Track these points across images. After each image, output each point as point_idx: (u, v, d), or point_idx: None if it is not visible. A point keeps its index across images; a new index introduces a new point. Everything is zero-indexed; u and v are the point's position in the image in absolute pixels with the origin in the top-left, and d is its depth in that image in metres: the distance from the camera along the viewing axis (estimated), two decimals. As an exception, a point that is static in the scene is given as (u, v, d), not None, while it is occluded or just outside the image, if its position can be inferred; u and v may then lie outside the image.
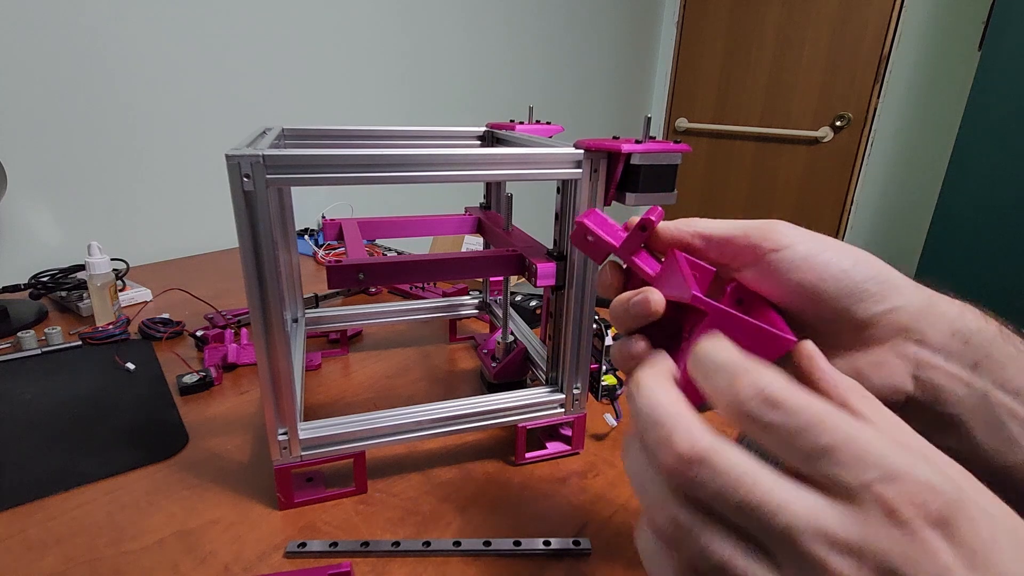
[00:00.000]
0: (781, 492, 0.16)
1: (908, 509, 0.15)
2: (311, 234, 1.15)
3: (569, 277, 0.46)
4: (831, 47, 2.28)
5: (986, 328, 0.26)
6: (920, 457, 0.16)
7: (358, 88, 1.37)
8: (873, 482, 0.16)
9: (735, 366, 0.19)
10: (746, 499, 0.16)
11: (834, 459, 0.16)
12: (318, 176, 0.36)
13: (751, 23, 2.44)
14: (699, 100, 2.65)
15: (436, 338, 0.74)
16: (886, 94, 2.20)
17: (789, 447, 0.17)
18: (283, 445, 0.41)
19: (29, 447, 0.49)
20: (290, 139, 0.60)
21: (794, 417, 0.17)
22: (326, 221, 0.61)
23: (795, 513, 0.16)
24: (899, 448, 0.16)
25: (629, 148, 0.39)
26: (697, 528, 0.18)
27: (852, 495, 0.16)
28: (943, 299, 0.27)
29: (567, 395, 0.49)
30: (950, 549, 0.15)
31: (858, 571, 0.15)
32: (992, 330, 0.26)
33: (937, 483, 0.16)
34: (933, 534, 0.15)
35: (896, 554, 0.15)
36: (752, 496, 0.16)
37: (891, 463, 0.16)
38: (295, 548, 0.39)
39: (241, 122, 1.14)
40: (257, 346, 0.38)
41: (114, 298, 0.74)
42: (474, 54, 1.66)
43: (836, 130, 2.34)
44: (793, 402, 0.17)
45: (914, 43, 2.11)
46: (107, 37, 0.93)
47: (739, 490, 0.17)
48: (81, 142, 0.93)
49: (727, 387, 0.18)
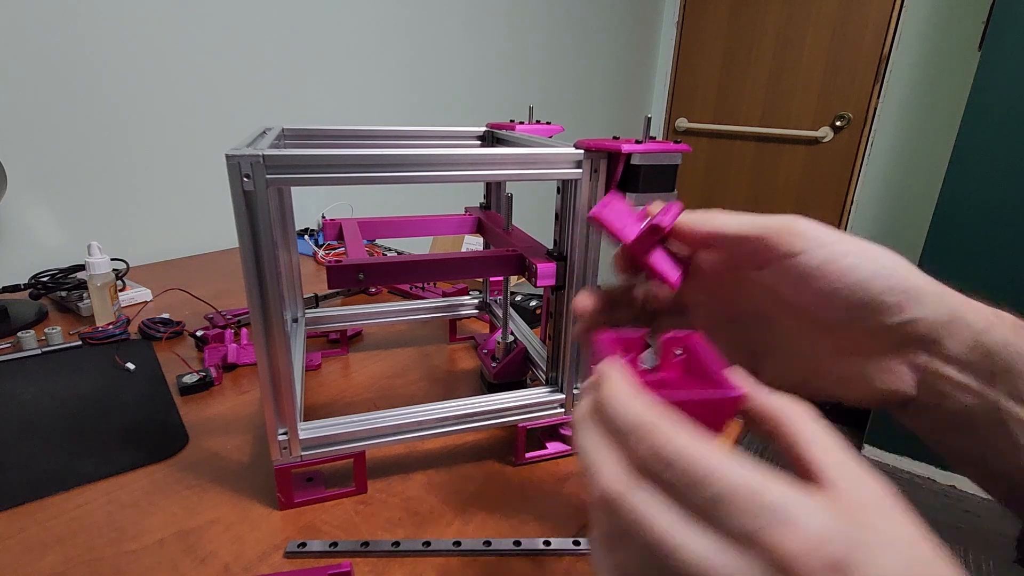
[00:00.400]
0: (677, 535, 0.17)
1: (800, 558, 0.16)
2: (311, 234, 1.15)
3: (569, 277, 0.46)
4: (831, 47, 2.28)
5: (1016, 342, 0.25)
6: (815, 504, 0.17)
7: (358, 88, 1.37)
8: (762, 528, 0.16)
9: (636, 421, 0.19)
10: (646, 540, 0.18)
11: (725, 508, 0.17)
12: (318, 176, 0.36)
13: (751, 23, 2.44)
14: (699, 100, 2.65)
15: (436, 338, 0.74)
16: (886, 94, 2.20)
17: (687, 499, 0.18)
18: (283, 445, 0.41)
19: (29, 447, 0.49)
20: (290, 139, 0.60)
21: (687, 473, 0.18)
22: (326, 221, 0.61)
23: (688, 554, 0.17)
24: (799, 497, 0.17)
25: (629, 148, 0.39)
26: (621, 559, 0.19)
27: (743, 540, 0.17)
28: (973, 307, 0.26)
29: (567, 395, 0.49)
30: None
31: None
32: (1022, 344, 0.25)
33: (828, 525, 0.16)
34: None
35: None
36: (651, 537, 0.18)
37: (778, 506, 0.16)
38: (295, 548, 0.39)
39: (241, 122, 1.14)
40: (257, 346, 0.38)
41: (114, 298, 0.74)
42: (474, 54, 1.66)
43: (836, 130, 2.34)
44: (685, 459, 0.18)
45: (914, 43, 2.11)
46: (107, 37, 0.93)
47: (641, 532, 0.18)
48: (81, 142, 0.93)
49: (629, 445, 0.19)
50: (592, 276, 0.45)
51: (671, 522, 0.18)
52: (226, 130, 1.12)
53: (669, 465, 0.18)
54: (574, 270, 0.45)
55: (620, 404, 0.20)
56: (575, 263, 0.45)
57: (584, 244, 0.44)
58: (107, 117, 0.95)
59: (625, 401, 0.20)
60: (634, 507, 0.18)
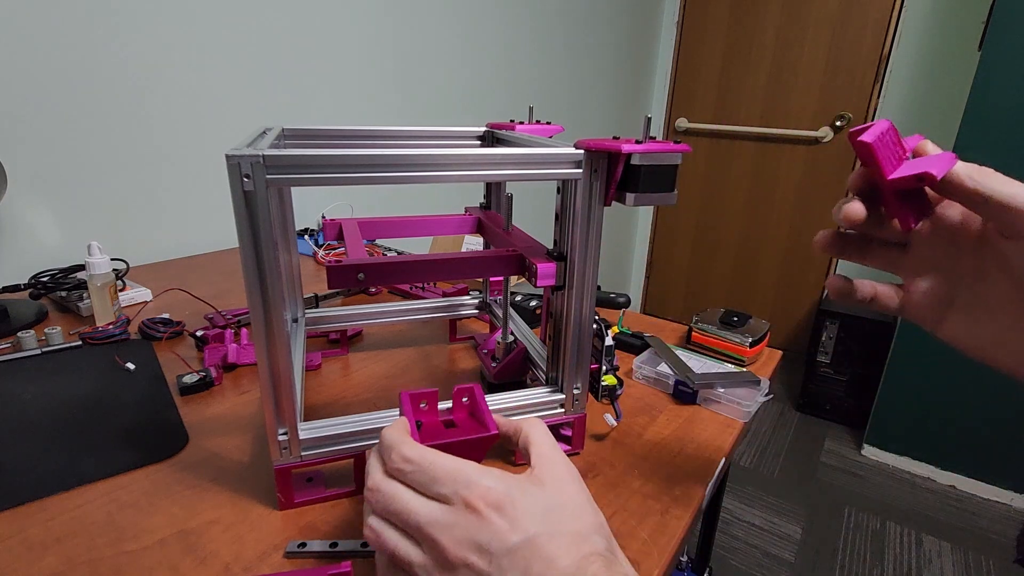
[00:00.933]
0: (413, 502, 0.30)
1: (477, 502, 0.28)
2: (311, 234, 1.15)
3: (569, 277, 0.46)
4: (831, 47, 2.28)
5: None
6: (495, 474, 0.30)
7: (359, 89, 1.37)
8: (457, 490, 0.29)
9: (390, 443, 0.32)
10: (394, 508, 0.30)
11: (439, 483, 0.30)
12: (318, 176, 0.36)
13: (751, 23, 2.44)
14: (699, 100, 2.65)
15: (436, 338, 0.74)
16: (886, 94, 2.20)
17: (421, 484, 0.30)
18: (283, 445, 0.41)
19: (29, 447, 0.49)
20: (290, 139, 0.60)
21: (418, 466, 0.30)
22: (326, 221, 0.61)
23: (420, 513, 0.29)
24: (481, 470, 0.30)
25: (629, 148, 0.39)
26: (384, 529, 0.31)
27: (450, 500, 0.29)
28: None
29: (567, 395, 0.49)
30: (501, 519, 0.28)
31: (456, 542, 0.28)
32: None
33: (495, 484, 0.29)
34: (492, 513, 0.28)
35: (474, 527, 0.28)
36: (398, 506, 0.30)
37: (470, 478, 0.29)
38: (295, 548, 0.39)
39: (242, 122, 1.14)
40: (257, 346, 0.38)
41: (114, 298, 0.74)
42: (475, 54, 1.66)
43: (836, 130, 2.35)
44: (418, 459, 0.31)
45: (914, 43, 2.11)
46: (107, 36, 0.93)
47: (391, 504, 0.30)
48: (82, 142, 0.93)
49: (388, 458, 0.32)
50: (592, 276, 0.45)
51: (410, 496, 0.30)
52: (227, 130, 1.12)
53: (406, 462, 0.31)
54: (574, 270, 0.45)
55: (385, 435, 0.33)
56: (575, 263, 0.45)
57: (584, 244, 0.44)
58: (108, 117, 0.95)
59: (388, 433, 0.33)
60: (386, 490, 0.31)
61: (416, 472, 0.30)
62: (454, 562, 0.28)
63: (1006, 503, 1.75)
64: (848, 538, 1.59)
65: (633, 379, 0.66)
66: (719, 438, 0.56)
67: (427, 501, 0.30)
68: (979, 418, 1.72)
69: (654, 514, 0.44)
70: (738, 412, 0.59)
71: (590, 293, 0.46)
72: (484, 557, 0.27)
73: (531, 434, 0.34)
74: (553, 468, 0.32)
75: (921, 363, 1.77)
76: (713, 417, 0.59)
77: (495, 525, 0.28)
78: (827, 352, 2.11)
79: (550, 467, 0.32)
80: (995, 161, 0.29)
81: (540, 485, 0.31)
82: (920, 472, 1.87)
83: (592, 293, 0.46)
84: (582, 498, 0.31)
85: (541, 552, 0.27)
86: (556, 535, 0.28)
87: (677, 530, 0.43)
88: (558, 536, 0.28)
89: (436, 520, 0.29)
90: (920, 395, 1.80)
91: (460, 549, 0.28)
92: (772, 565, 1.49)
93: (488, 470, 0.30)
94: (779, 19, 2.37)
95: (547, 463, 0.32)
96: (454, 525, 0.28)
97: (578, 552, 0.28)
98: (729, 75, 2.55)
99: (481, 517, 0.28)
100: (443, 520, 0.28)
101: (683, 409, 0.60)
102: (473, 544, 0.28)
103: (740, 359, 0.71)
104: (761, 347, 0.74)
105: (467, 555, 0.28)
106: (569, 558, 0.27)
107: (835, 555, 1.53)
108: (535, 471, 0.32)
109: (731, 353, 0.72)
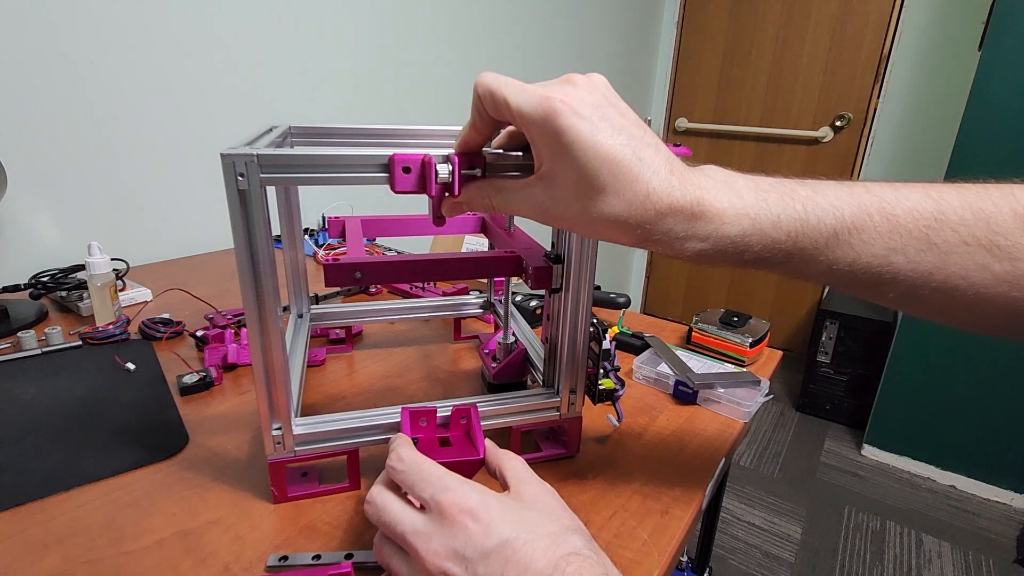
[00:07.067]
0: (400, 513, 0.32)
1: (451, 507, 0.30)
2: (311, 234, 1.15)
3: (565, 280, 0.45)
4: (831, 47, 2.28)
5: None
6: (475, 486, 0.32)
7: (364, 87, 1.37)
8: (434, 494, 0.31)
9: (396, 443, 0.36)
10: (384, 519, 0.32)
11: (421, 485, 0.32)
12: (315, 176, 0.36)
13: (751, 23, 2.44)
14: (699, 100, 2.65)
15: (440, 337, 0.74)
16: (886, 94, 2.20)
17: (408, 484, 0.33)
18: (277, 440, 0.41)
19: (29, 447, 0.49)
20: (297, 137, 0.60)
21: (408, 467, 0.33)
22: (330, 219, 0.61)
23: (404, 524, 0.31)
24: (462, 480, 0.32)
25: (629, 148, 0.38)
26: (383, 544, 0.33)
27: (428, 504, 0.31)
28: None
29: (562, 398, 0.49)
30: (475, 524, 0.29)
31: (432, 552, 0.29)
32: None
33: (470, 492, 0.31)
34: (465, 518, 0.30)
35: (448, 534, 0.29)
36: (387, 517, 0.32)
37: (448, 485, 0.31)
38: (276, 563, 0.37)
39: (244, 121, 1.14)
40: (252, 342, 0.38)
41: (114, 298, 0.74)
42: (475, 54, 1.66)
43: (836, 130, 2.35)
44: (410, 461, 0.34)
45: (914, 43, 2.11)
46: (108, 36, 0.93)
47: (382, 515, 0.33)
48: (81, 142, 0.93)
49: (389, 456, 0.35)
50: (589, 279, 0.45)
51: (399, 508, 0.32)
52: (227, 130, 1.12)
53: (400, 461, 0.34)
54: (571, 273, 0.45)
55: (395, 436, 0.37)
56: (572, 265, 0.45)
57: (580, 247, 0.44)
58: (108, 117, 0.95)
59: (398, 435, 0.38)
60: (378, 502, 0.33)
61: (406, 472, 0.33)
62: (432, 571, 0.29)
63: (1006, 503, 1.75)
64: (848, 538, 1.59)
65: (633, 379, 0.66)
66: (719, 438, 0.55)
67: (412, 512, 0.32)
68: (979, 418, 1.72)
69: (654, 514, 0.44)
70: (738, 412, 0.59)
71: (586, 296, 0.46)
72: (460, 564, 0.29)
73: (504, 462, 0.37)
74: (527, 486, 0.34)
75: (921, 363, 1.77)
76: (713, 417, 0.59)
77: (469, 530, 0.29)
78: (827, 352, 2.11)
79: (525, 486, 0.34)
80: (995, 161, 0.29)
81: (516, 498, 0.33)
82: (920, 472, 1.87)
83: (588, 296, 0.46)
84: (557, 505, 0.33)
85: (516, 556, 0.28)
86: (531, 539, 0.29)
87: (677, 530, 0.43)
88: (534, 540, 0.29)
89: (417, 530, 0.30)
90: (920, 395, 1.80)
91: (436, 558, 0.29)
92: (772, 565, 1.49)
93: (468, 482, 0.32)
94: (779, 19, 2.37)
95: (522, 483, 0.34)
96: (432, 535, 0.30)
97: (555, 553, 0.28)
98: (729, 75, 2.54)
99: (455, 523, 0.29)
100: (422, 530, 0.30)
101: (683, 409, 0.60)
102: (449, 551, 0.29)
103: (740, 359, 0.71)
104: (761, 347, 0.74)
105: (443, 563, 0.29)
106: (545, 560, 0.28)
107: (835, 555, 1.53)
108: (511, 490, 0.34)
109: (731, 353, 0.72)
